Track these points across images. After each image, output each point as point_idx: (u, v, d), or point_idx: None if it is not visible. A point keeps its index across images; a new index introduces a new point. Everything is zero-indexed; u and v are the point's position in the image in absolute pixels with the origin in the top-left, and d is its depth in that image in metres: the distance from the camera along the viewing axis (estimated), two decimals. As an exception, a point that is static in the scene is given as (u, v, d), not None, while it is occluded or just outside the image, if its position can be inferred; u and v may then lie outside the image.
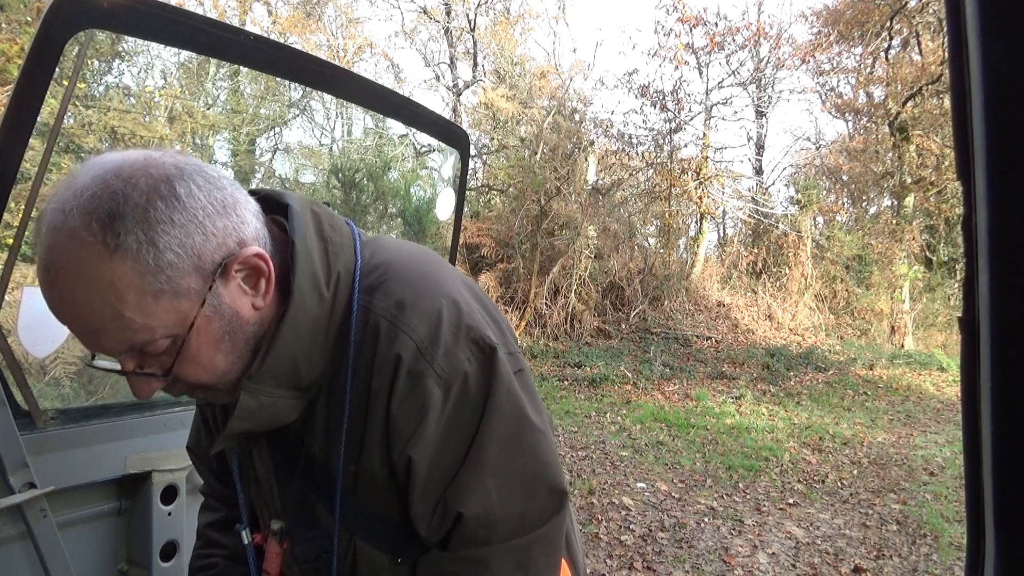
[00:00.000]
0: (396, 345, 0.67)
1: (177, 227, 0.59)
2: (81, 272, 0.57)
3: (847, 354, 9.77)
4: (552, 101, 11.48)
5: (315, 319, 0.68)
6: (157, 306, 0.59)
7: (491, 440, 0.68)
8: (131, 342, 0.61)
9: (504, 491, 0.68)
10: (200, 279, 0.61)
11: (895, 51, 13.23)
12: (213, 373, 0.66)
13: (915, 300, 12.05)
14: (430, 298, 0.70)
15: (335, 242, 0.72)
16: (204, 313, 0.62)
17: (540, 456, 0.71)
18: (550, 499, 0.71)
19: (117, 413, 1.37)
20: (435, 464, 0.67)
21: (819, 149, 15.81)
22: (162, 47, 5.88)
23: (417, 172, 10.52)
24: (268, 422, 0.70)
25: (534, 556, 0.70)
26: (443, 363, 0.67)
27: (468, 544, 0.68)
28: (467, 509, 0.67)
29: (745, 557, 3.33)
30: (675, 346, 9.40)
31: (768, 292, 11.38)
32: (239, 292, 0.65)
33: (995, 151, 0.33)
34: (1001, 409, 0.34)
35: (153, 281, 0.58)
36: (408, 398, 0.66)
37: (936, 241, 12.65)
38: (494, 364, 0.69)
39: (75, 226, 0.57)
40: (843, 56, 14.09)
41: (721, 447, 5.40)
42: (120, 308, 0.58)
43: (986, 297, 0.34)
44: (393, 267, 0.73)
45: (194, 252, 0.60)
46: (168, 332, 0.61)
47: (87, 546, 1.31)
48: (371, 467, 0.70)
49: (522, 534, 0.69)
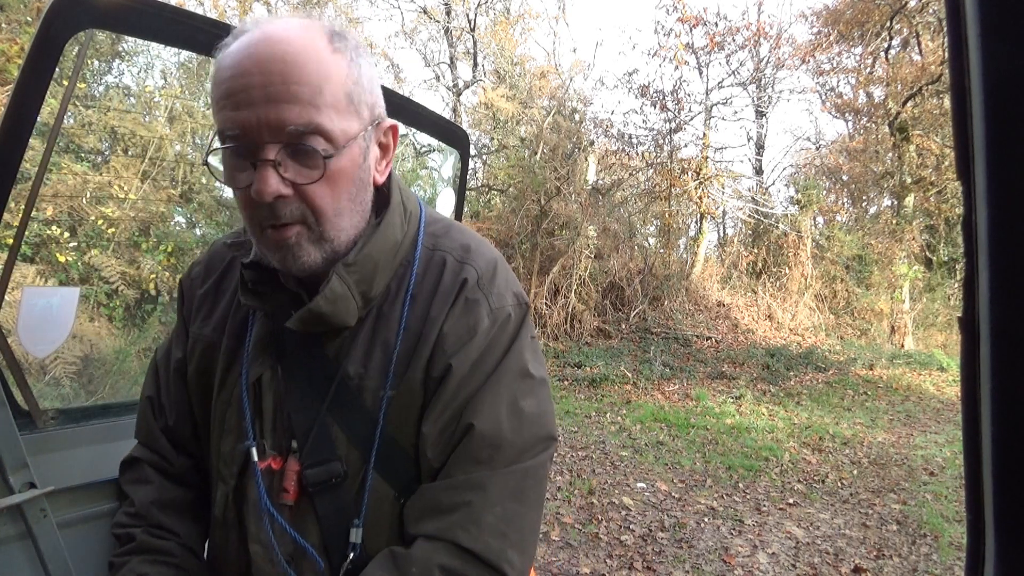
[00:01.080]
0: (461, 275, 0.78)
1: (371, 70, 0.73)
2: (306, 45, 0.66)
3: (847, 354, 9.77)
4: (552, 101, 11.48)
5: (396, 241, 0.78)
6: (345, 107, 0.68)
7: (510, 374, 0.76)
8: (311, 120, 0.65)
9: (513, 420, 0.75)
10: (370, 116, 0.72)
11: (895, 51, 13.23)
12: (330, 208, 0.70)
13: (915, 300, 12.05)
14: (489, 249, 0.83)
15: (407, 192, 0.84)
16: (358, 144, 0.71)
17: (543, 402, 0.79)
18: (543, 442, 0.78)
19: (117, 413, 1.37)
20: (466, 381, 0.74)
21: (819, 149, 15.82)
22: (162, 47, 5.88)
23: (417, 172, 10.52)
24: (339, 316, 0.74)
25: (526, 488, 0.75)
26: (495, 300, 0.78)
27: (470, 464, 0.72)
28: (479, 423, 0.73)
29: (745, 557, 3.33)
30: (675, 346, 9.40)
31: (768, 292, 11.38)
32: (374, 156, 0.75)
33: (995, 151, 0.33)
34: (1001, 409, 0.34)
35: (352, 88, 0.69)
36: (461, 318, 0.75)
37: (936, 241, 12.65)
38: (526, 317, 0.80)
39: (308, 24, 0.67)
40: (843, 56, 14.10)
41: (721, 447, 5.40)
42: (324, 85, 0.66)
43: (986, 297, 0.34)
44: (454, 225, 0.86)
45: (373, 93, 0.73)
46: (338, 133, 0.67)
47: (87, 546, 1.30)
48: (411, 388, 0.75)
49: (519, 463, 0.74)
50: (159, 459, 0.92)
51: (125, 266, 4.76)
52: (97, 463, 1.29)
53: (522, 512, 0.74)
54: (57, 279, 4.49)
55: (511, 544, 0.72)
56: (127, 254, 4.90)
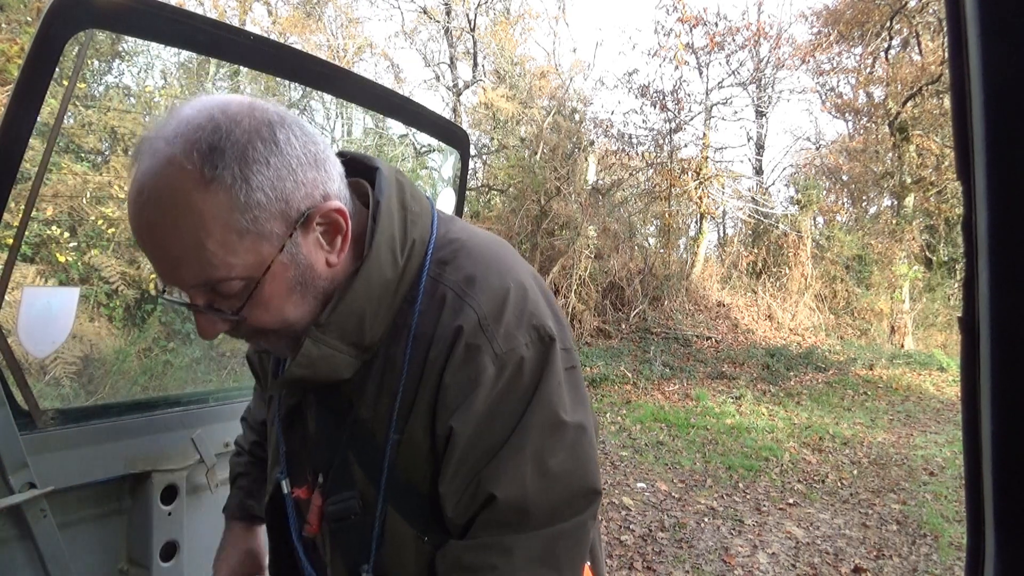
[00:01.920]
0: (459, 317, 0.68)
1: (271, 170, 0.61)
2: (174, 198, 0.58)
3: (847, 354, 9.77)
4: (552, 101, 11.48)
5: (386, 281, 0.70)
6: (240, 244, 0.61)
7: (535, 428, 0.67)
8: (207, 276, 0.61)
9: (541, 481, 0.67)
10: (283, 225, 0.63)
11: (895, 51, 13.23)
12: (280, 321, 0.67)
13: (915, 300, 12.05)
14: (499, 278, 0.71)
15: (415, 211, 0.73)
16: (281, 260, 0.64)
17: (580, 454, 0.69)
18: (583, 498, 0.70)
19: (117, 413, 1.37)
20: (475, 441, 0.66)
21: (819, 149, 15.82)
22: (162, 47, 5.87)
23: (417, 172, 10.51)
24: (325, 374, 0.71)
25: (559, 551, 0.68)
26: (502, 342, 0.67)
27: (495, 528, 0.66)
28: (501, 492, 0.65)
29: (745, 557, 3.33)
30: (675, 346, 9.40)
31: (768, 292, 11.38)
32: (316, 245, 0.67)
33: (995, 151, 0.33)
34: (1001, 409, 0.34)
35: (240, 218, 0.60)
36: (461, 369, 0.66)
37: (936, 241, 12.65)
38: (550, 354, 0.69)
39: (175, 153, 0.58)
40: (843, 56, 14.10)
41: (721, 447, 5.39)
42: (204, 240, 0.59)
43: (986, 297, 0.34)
44: (467, 245, 0.74)
45: (283, 197, 0.62)
46: (244, 273, 0.62)
47: (87, 546, 1.30)
48: (415, 437, 0.70)
49: (551, 525, 0.67)
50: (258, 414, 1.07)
51: (125, 266, 4.76)
52: (97, 463, 1.29)
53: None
54: (57, 279, 4.49)
55: None
56: (127, 254, 4.90)
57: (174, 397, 1.50)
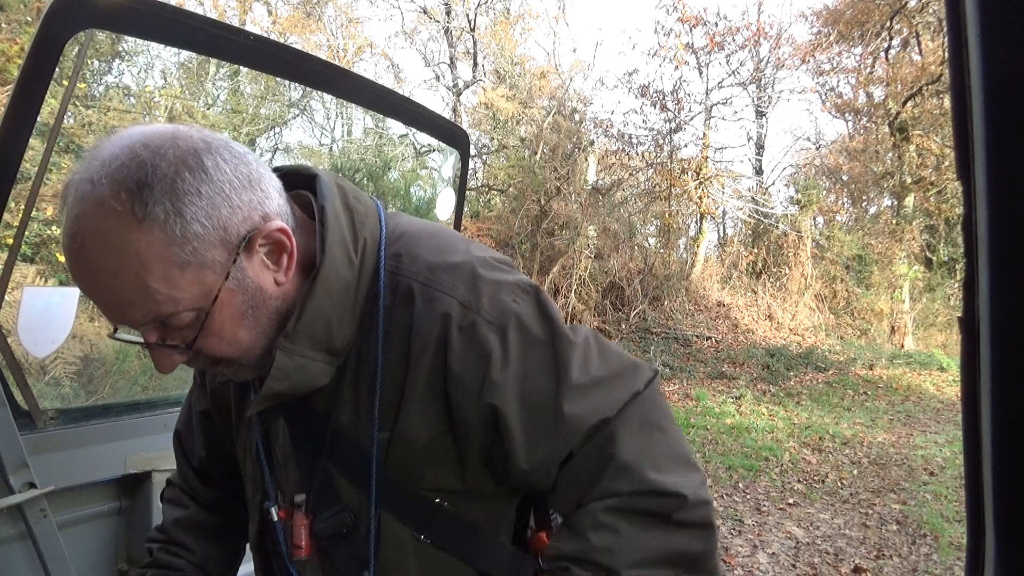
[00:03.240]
0: (437, 306, 0.68)
1: (204, 199, 0.59)
2: (108, 241, 0.57)
3: (847, 354, 9.77)
4: (552, 101, 11.48)
5: (345, 282, 0.69)
6: (182, 278, 0.60)
7: (573, 361, 0.70)
8: (155, 313, 0.61)
9: (604, 393, 0.70)
10: (225, 252, 0.62)
11: (895, 51, 13.23)
12: (236, 347, 0.67)
13: (915, 300, 12.05)
14: (457, 257, 0.72)
15: (360, 211, 0.73)
16: (228, 287, 0.63)
17: (607, 352, 0.74)
18: (640, 373, 0.74)
19: (117, 413, 1.37)
20: (530, 406, 0.68)
21: (819, 149, 15.81)
22: (162, 47, 5.88)
23: (417, 172, 10.51)
24: (302, 384, 0.70)
25: (648, 412, 0.72)
26: (490, 310, 0.68)
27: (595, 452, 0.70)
28: (582, 423, 0.68)
29: (745, 557, 3.33)
30: (675, 346, 9.40)
31: (768, 292, 11.38)
32: (262, 267, 0.66)
33: (995, 151, 0.33)
34: (1001, 409, 0.34)
35: (179, 252, 0.59)
36: (468, 352, 0.67)
37: (936, 241, 12.65)
38: (540, 297, 0.72)
39: (103, 195, 0.57)
40: (843, 56, 14.09)
41: (721, 447, 5.40)
42: (145, 279, 0.58)
43: (986, 297, 0.34)
44: (416, 235, 0.75)
45: (220, 224, 0.61)
46: (192, 305, 0.62)
47: (87, 546, 1.31)
48: (408, 432, 0.70)
49: (632, 402, 0.71)
50: (188, 487, 0.96)
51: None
52: (97, 463, 1.29)
53: (657, 436, 0.71)
54: (57, 279, 4.49)
55: (667, 469, 0.70)
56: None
57: (174, 397, 1.50)
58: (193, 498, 0.94)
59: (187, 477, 0.95)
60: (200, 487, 0.94)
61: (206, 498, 0.94)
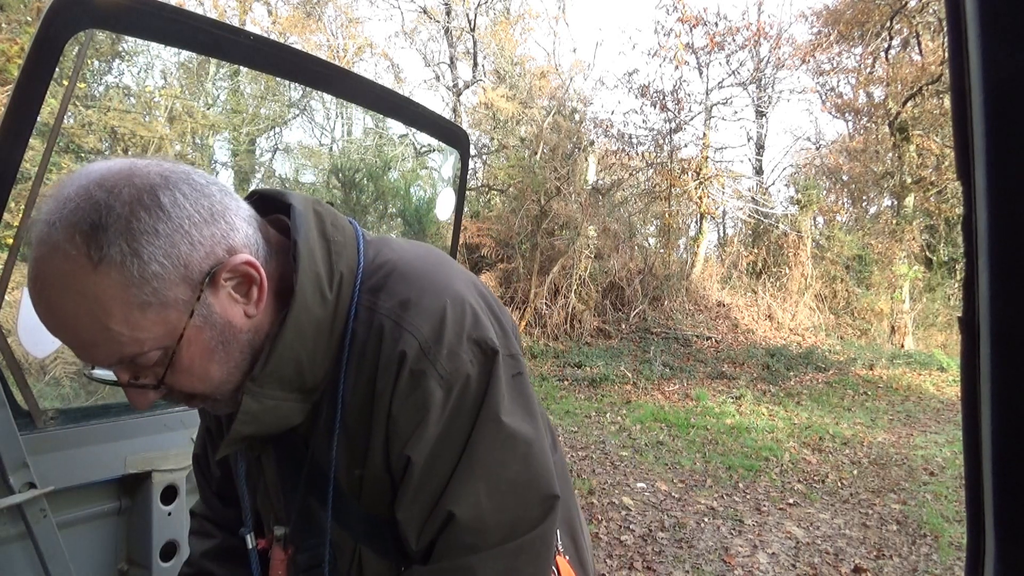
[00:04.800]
0: (400, 344, 0.66)
1: (162, 237, 0.58)
2: (67, 286, 0.56)
3: (847, 354, 9.77)
4: (552, 101, 11.48)
5: (318, 320, 0.67)
6: (144, 318, 0.59)
7: (484, 445, 0.67)
8: (121, 355, 0.60)
9: (495, 497, 0.67)
10: (188, 289, 0.60)
11: (895, 51, 13.23)
12: (208, 383, 0.65)
13: (915, 300, 12.05)
14: (434, 297, 0.68)
15: (338, 242, 0.71)
16: (194, 324, 0.61)
17: (532, 464, 0.69)
18: (540, 506, 0.70)
19: (117, 413, 1.37)
20: (431, 466, 0.66)
21: (819, 149, 15.82)
22: (162, 47, 5.88)
23: (417, 172, 10.52)
24: (273, 425, 0.69)
25: (520, 566, 0.68)
26: (446, 363, 0.66)
27: (456, 550, 0.67)
28: (459, 511, 0.65)
29: (745, 557, 3.33)
30: (675, 346, 9.40)
31: (768, 292, 11.38)
32: (230, 301, 0.64)
33: (995, 151, 0.33)
34: (1001, 409, 0.34)
35: (139, 293, 0.58)
36: (409, 397, 0.65)
37: (936, 241, 12.65)
38: (494, 367, 0.68)
39: (59, 239, 0.56)
40: (843, 56, 14.10)
41: (721, 447, 5.40)
42: (107, 321, 0.57)
43: (986, 297, 0.34)
44: (397, 267, 0.72)
45: (180, 262, 0.59)
46: (157, 344, 0.61)
47: (87, 546, 1.31)
48: (376, 471, 0.69)
49: (511, 540, 0.67)
50: (212, 513, 0.95)
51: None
52: (97, 463, 1.29)
53: None
54: (57, 279, 4.48)
55: None
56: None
57: (175, 400, 1.50)
58: (219, 526, 0.94)
59: (210, 503, 0.95)
60: (223, 509, 0.94)
61: (230, 520, 0.93)
